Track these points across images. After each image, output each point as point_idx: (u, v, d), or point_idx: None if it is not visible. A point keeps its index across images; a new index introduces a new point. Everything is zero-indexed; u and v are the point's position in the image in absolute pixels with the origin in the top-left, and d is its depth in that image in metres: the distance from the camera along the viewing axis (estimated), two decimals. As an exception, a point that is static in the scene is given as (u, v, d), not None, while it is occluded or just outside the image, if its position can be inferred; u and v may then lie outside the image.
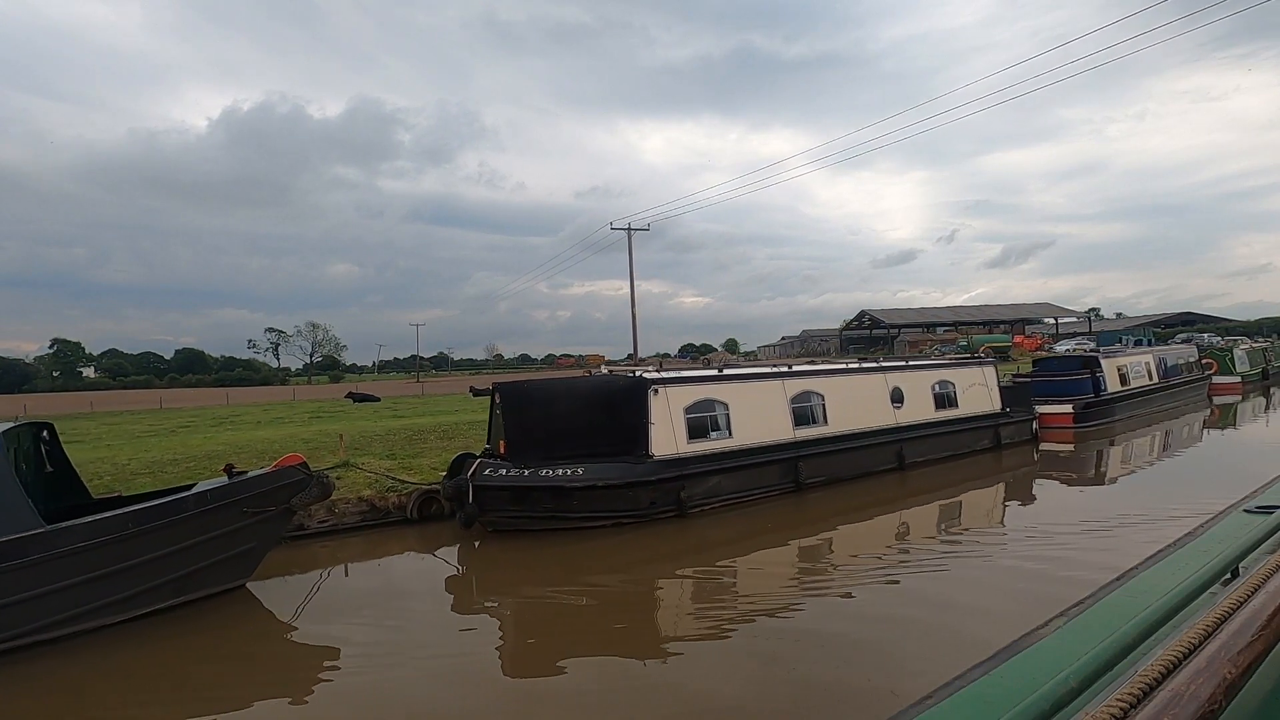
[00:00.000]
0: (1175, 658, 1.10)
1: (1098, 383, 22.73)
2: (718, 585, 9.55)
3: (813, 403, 14.35)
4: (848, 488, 14.20)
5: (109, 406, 48.81)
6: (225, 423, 26.99)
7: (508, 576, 10.26)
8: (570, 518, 11.03)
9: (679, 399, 12.20)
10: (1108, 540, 10.40)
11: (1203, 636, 1.18)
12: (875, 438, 15.04)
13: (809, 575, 9.90)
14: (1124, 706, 0.96)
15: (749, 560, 10.45)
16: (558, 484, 10.79)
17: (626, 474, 11.23)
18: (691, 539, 11.33)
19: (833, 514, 12.79)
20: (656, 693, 6.35)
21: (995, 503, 14.11)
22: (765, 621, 7.86)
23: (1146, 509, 12.32)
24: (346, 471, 13.11)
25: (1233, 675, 1.02)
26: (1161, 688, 1.00)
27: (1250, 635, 1.13)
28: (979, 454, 17.50)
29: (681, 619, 8.52)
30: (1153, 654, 1.17)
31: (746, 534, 11.60)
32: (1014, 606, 7.87)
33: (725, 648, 7.27)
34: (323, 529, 11.66)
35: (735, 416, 12.87)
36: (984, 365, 18.44)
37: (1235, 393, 32.19)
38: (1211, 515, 2.34)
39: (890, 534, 11.82)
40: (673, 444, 11.84)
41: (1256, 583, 1.41)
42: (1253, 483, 2.88)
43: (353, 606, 9.00)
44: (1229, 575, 1.79)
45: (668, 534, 11.39)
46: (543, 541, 11.00)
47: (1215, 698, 0.96)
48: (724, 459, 12.45)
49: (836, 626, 7.64)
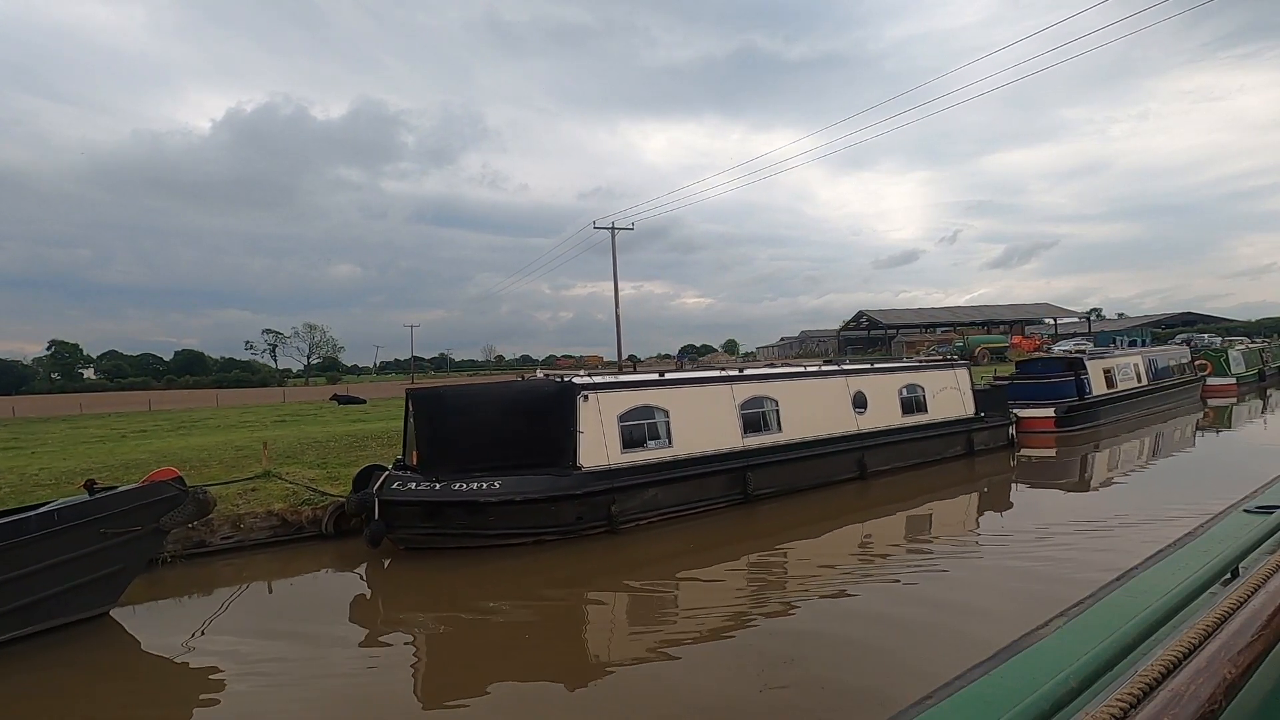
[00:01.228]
0: (1175, 658, 1.10)
1: (1082, 385, 21.84)
2: (648, 606, 8.82)
3: (765, 409, 13.53)
4: (802, 499, 13.38)
5: (99, 408, 48.29)
6: (190, 427, 26.28)
7: (417, 598, 9.49)
8: (487, 535, 10.24)
9: (612, 406, 11.39)
10: (1071, 553, 9.66)
11: (1203, 636, 1.18)
12: (834, 445, 14.21)
13: (749, 593, 9.14)
14: (1124, 706, 0.97)
15: (685, 578, 9.67)
16: (471, 499, 9.99)
17: (549, 487, 10.43)
18: (622, 557, 10.53)
19: (782, 527, 11.98)
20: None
21: (961, 512, 13.27)
22: (699, 645, 7.18)
23: (1128, 515, 11.68)
24: (266, 483, 12.34)
25: (1233, 675, 1.02)
26: (1161, 688, 1.00)
27: (1250, 635, 1.13)
28: (950, 461, 16.64)
29: (605, 642, 7.83)
30: (1153, 654, 1.17)
31: (685, 550, 10.80)
32: (979, 627, 7.23)
33: (654, 673, 6.65)
34: (227, 545, 10.88)
35: (676, 424, 12.05)
36: (956, 368, 17.57)
37: (1230, 394, 31.22)
38: (1211, 515, 2.32)
39: (844, 547, 11.03)
40: (603, 454, 11.03)
41: (1256, 583, 1.41)
42: (1247, 487, 2.81)
43: (246, 628, 8.32)
44: (1229, 575, 1.79)
45: (596, 551, 10.59)
46: (458, 560, 10.21)
47: (1215, 698, 0.96)
48: (663, 470, 11.64)
49: (778, 648, 6.97)
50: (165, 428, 26.46)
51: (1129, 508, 12.22)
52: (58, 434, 25.11)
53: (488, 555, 10.32)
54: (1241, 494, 2.66)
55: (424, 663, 7.43)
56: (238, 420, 29.06)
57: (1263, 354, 36.32)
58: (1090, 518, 11.57)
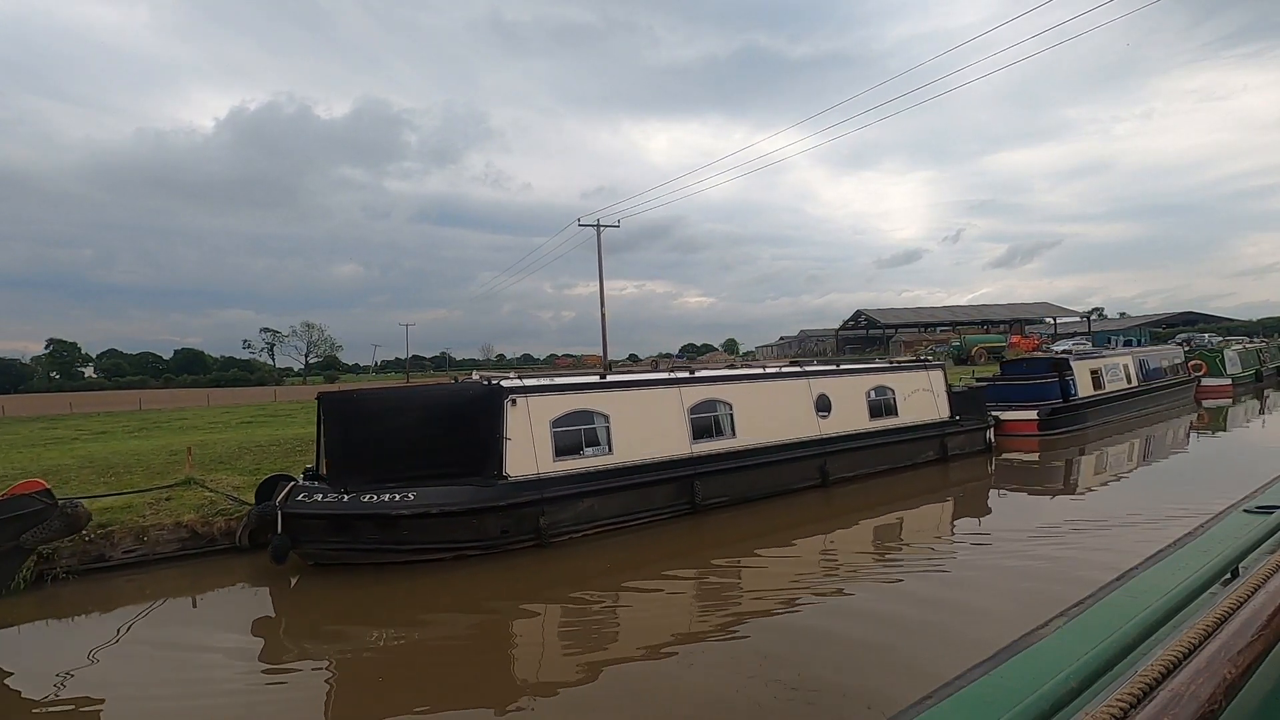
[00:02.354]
0: (1175, 658, 1.10)
1: (1067, 386, 21.04)
2: (575, 625, 8.20)
3: (718, 413, 12.80)
4: (756, 509, 12.65)
5: (90, 408, 47.76)
6: (157, 428, 25.64)
7: (325, 618, 8.79)
8: (402, 550, 9.53)
9: (544, 410, 10.68)
10: (1042, 565, 8.99)
11: (1203, 636, 1.18)
12: (794, 451, 13.47)
13: (687, 611, 8.49)
14: (1124, 706, 0.97)
15: (619, 595, 9.02)
16: (382, 511, 9.29)
17: (470, 498, 9.72)
18: (550, 573, 9.83)
19: (731, 539, 11.26)
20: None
21: (927, 522, 12.51)
22: (629, 667, 6.64)
23: (1108, 521, 11.10)
24: (184, 490, 11.67)
25: (1233, 675, 1.02)
26: (1161, 688, 1.00)
27: (1250, 635, 1.13)
28: (922, 467, 15.89)
29: (526, 665, 7.23)
30: (1153, 654, 1.18)
31: (622, 565, 10.09)
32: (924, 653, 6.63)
33: (577, 700, 6.10)
34: (130, 559, 10.20)
35: (617, 430, 11.33)
36: (930, 369, 16.80)
37: (1226, 395, 30.36)
38: (1211, 515, 2.31)
39: (796, 560, 10.36)
40: (532, 462, 10.31)
41: (1256, 583, 1.41)
42: (1241, 492, 2.75)
43: (137, 652, 7.72)
44: (1229, 575, 1.79)
45: (523, 567, 9.88)
46: (371, 577, 9.52)
47: (1215, 698, 0.96)
48: (600, 479, 10.92)
49: (719, 676, 6.37)
50: (131, 428, 25.86)
51: (1111, 514, 11.62)
52: (24, 434, 24.52)
53: (404, 572, 9.62)
54: (1235, 500, 2.60)
55: (331, 690, 6.78)
56: (211, 421, 28.47)
57: (1260, 354, 35.35)
58: (1068, 526, 11.02)
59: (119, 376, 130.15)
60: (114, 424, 28.57)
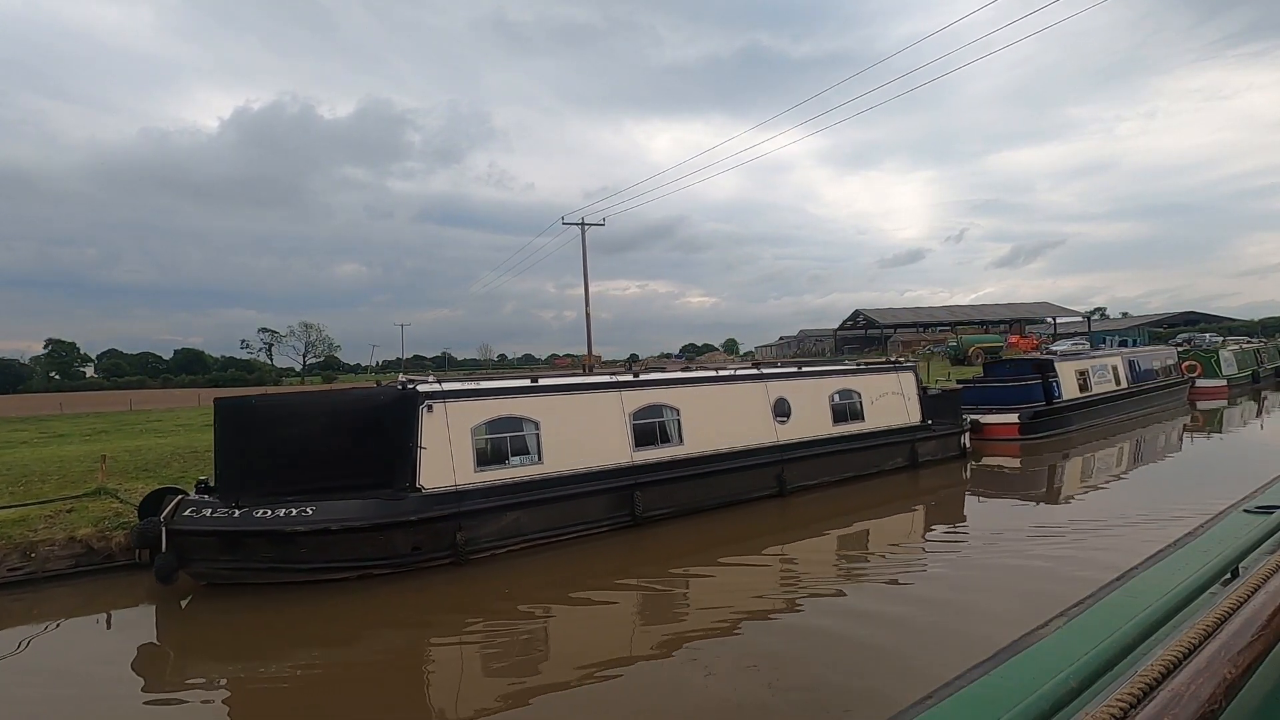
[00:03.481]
0: (1175, 658, 1.09)
1: (1050, 389, 20.24)
2: (490, 652, 7.51)
3: (665, 418, 12.05)
4: (704, 520, 11.89)
5: (82, 407, 47.11)
6: (116, 431, 24.99)
7: (213, 644, 8.11)
8: (300, 569, 8.81)
9: (465, 417, 9.95)
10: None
11: (1203, 636, 1.17)
12: (748, 459, 12.71)
13: (614, 634, 7.82)
14: (1124, 706, 0.96)
15: (539, 615, 8.34)
16: (276, 528, 8.57)
17: (376, 513, 9.00)
18: (464, 593, 9.11)
19: (672, 554, 10.53)
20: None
21: (887, 534, 11.69)
22: (552, 697, 6.08)
23: (1088, 532, 10.32)
24: (92, 501, 10.98)
25: (1233, 675, 1.01)
26: (1161, 688, 0.99)
27: (1250, 635, 1.12)
28: (890, 474, 15.10)
29: (433, 699, 6.59)
30: (1153, 654, 1.16)
31: (547, 583, 9.36)
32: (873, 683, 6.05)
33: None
34: (15, 578, 9.50)
35: (548, 437, 10.60)
36: (901, 371, 16.01)
37: (1221, 397, 29.47)
38: (1212, 515, 2.29)
39: (740, 574, 9.67)
40: (450, 473, 9.58)
41: (1256, 583, 1.40)
42: (1236, 497, 2.61)
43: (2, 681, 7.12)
44: (1229, 575, 1.77)
45: (434, 588, 9.15)
46: (267, 598, 8.81)
47: (1215, 698, 0.95)
48: (527, 490, 10.19)
49: (657, 702, 5.89)
50: (97, 430, 25.23)
51: (1093, 521, 10.97)
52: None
53: (306, 592, 8.91)
54: (1234, 500, 2.56)
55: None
56: (184, 423, 27.79)
57: (1258, 354, 34.39)
58: (1047, 534, 10.39)
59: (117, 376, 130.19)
60: (85, 426, 27.94)
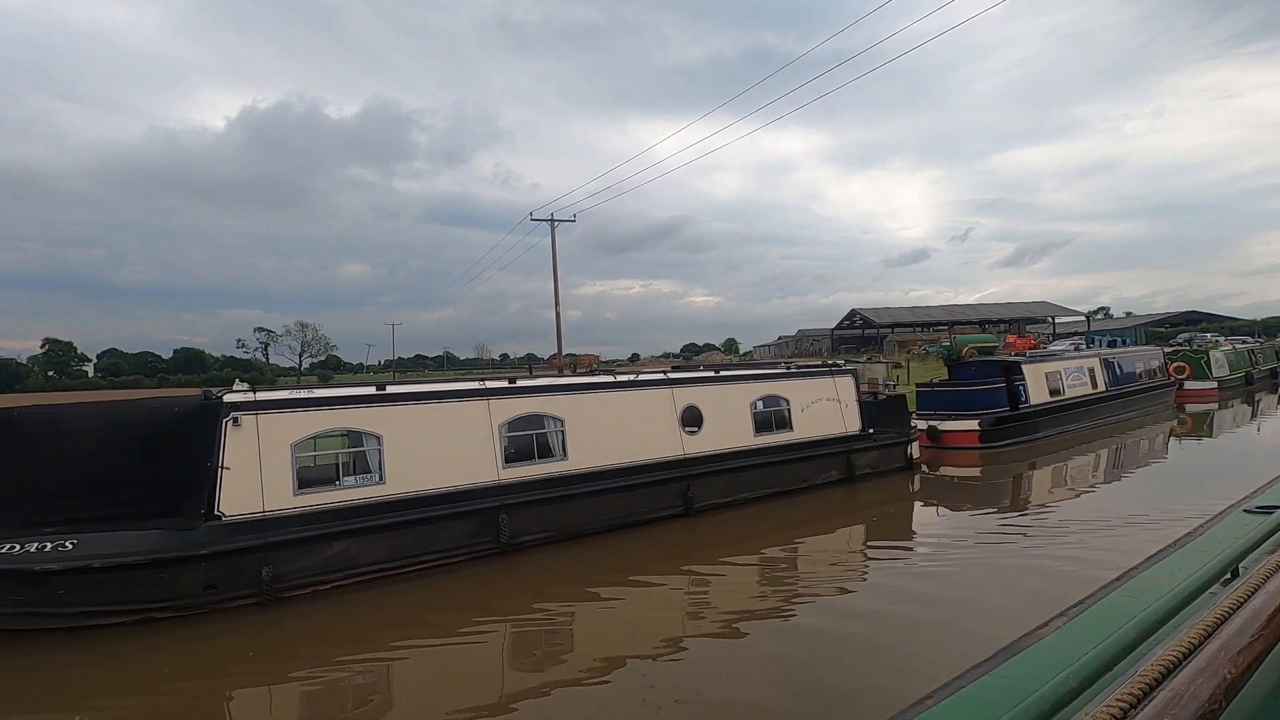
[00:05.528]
0: (1175, 658, 1.09)
1: (1016, 393, 18.73)
2: (292, 703, 6.34)
3: (545, 430, 10.67)
4: (586, 546, 10.50)
5: None
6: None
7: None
8: (59, 614, 7.47)
9: (284, 431, 8.58)
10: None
11: (1203, 636, 1.16)
12: (646, 474, 11.31)
13: (464, 685, 6.45)
14: (1124, 706, 0.96)
15: (364, 666, 7.01)
16: (24, 566, 7.22)
17: (156, 545, 7.64)
18: (272, 639, 7.76)
19: (543, 584, 9.17)
20: None
21: (806, 559, 10.22)
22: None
23: (1050, 556, 9.11)
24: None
25: (1233, 675, 1.01)
26: (1161, 688, 0.99)
27: (1250, 635, 1.12)
28: (821, 489, 13.66)
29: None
30: (1153, 654, 1.15)
31: (384, 624, 7.99)
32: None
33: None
34: None
35: (393, 453, 9.23)
36: (838, 375, 14.55)
37: (1211, 400, 27.84)
38: (1212, 515, 2.28)
39: (612, 610, 8.30)
40: (257, 498, 8.22)
41: (1256, 583, 1.39)
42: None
43: None
44: (1229, 575, 1.77)
45: (226, 633, 7.77)
46: (26, 646, 7.47)
47: (1215, 698, 0.95)
48: (362, 515, 8.82)
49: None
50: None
51: (1054, 541, 9.74)
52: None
53: (73, 640, 7.57)
54: (1234, 500, 2.48)
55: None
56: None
57: (1252, 355, 32.65)
58: (1002, 554, 8.97)
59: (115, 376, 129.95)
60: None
